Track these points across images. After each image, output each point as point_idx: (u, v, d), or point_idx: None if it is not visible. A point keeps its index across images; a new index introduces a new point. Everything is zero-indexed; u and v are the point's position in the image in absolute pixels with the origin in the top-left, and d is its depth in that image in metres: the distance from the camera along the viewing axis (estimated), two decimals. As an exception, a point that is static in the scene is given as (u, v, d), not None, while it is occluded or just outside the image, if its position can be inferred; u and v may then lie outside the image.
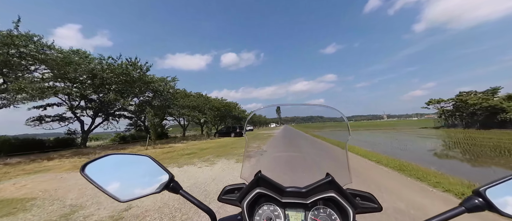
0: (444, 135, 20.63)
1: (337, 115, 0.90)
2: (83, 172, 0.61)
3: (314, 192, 0.67)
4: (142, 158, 0.69)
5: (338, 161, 0.90)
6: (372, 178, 4.74)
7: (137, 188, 0.65)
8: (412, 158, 7.57)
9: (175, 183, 0.68)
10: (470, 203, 0.52)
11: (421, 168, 5.47)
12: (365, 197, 0.69)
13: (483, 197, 0.51)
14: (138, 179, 0.67)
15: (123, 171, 0.67)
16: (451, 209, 0.53)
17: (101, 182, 0.61)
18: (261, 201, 0.70)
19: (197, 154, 9.53)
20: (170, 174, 0.68)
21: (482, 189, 0.52)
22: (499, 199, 0.50)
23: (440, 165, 6.47)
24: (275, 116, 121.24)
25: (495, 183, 0.52)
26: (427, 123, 46.77)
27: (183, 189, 0.69)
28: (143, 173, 0.68)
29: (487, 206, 0.51)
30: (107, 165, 0.65)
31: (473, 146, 11.81)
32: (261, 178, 0.69)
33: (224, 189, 0.77)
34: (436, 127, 35.07)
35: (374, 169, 5.62)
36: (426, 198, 3.43)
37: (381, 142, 15.80)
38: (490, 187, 0.51)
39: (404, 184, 4.24)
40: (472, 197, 0.53)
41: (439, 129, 32.52)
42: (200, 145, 14.46)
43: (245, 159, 0.93)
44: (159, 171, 0.69)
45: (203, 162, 7.37)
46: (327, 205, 0.67)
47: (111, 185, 0.62)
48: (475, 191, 0.53)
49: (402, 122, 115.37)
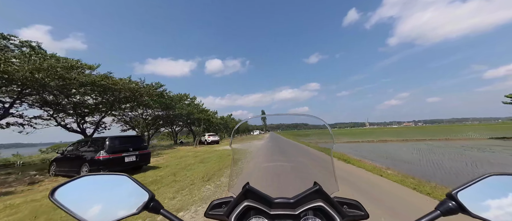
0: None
1: (321, 123, 0.92)
2: (53, 197, 0.55)
3: (302, 202, 0.67)
4: (119, 177, 0.65)
5: (325, 170, 0.90)
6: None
7: (114, 210, 0.60)
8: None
9: (155, 202, 0.65)
10: (444, 206, 0.53)
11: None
12: (352, 205, 0.70)
13: (455, 200, 0.51)
14: (115, 200, 0.63)
15: (99, 193, 0.62)
16: (427, 214, 0.53)
17: (72, 207, 0.55)
18: (250, 214, 0.68)
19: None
20: (150, 192, 0.65)
21: (454, 192, 0.52)
22: (470, 201, 0.51)
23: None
24: (261, 123, 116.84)
25: (465, 186, 0.52)
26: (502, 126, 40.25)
27: (164, 208, 0.65)
28: (121, 193, 0.64)
29: (460, 208, 0.51)
30: (80, 187, 0.60)
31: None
32: (249, 190, 0.68)
33: (211, 204, 0.74)
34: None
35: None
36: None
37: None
38: (461, 189, 0.52)
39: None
40: (446, 201, 0.53)
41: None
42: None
43: (232, 171, 0.91)
44: (138, 190, 0.65)
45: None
46: (316, 215, 0.66)
47: (85, 209, 0.57)
48: (448, 195, 0.53)
49: (429, 128, 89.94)
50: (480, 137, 27.54)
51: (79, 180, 0.61)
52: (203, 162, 9.87)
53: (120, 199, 0.63)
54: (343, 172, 6.47)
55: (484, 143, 20.61)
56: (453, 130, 43.37)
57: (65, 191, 0.58)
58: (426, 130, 61.33)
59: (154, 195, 0.65)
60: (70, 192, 0.58)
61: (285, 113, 1.04)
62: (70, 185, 0.59)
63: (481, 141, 23.24)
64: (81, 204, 0.57)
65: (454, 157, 12.50)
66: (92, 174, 0.63)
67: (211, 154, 13.47)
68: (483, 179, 0.53)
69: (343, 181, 5.34)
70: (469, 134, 32.26)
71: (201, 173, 7.03)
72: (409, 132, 48.30)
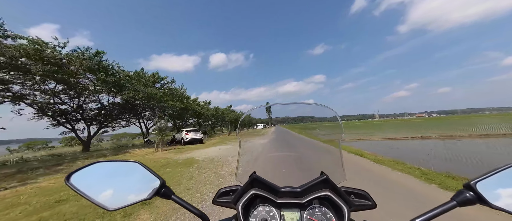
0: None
1: (329, 113, 0.91)
2: (68, 181, 0.58)
3: (309, 191, 0.67)
4: (131, 164, 0.68)
5: (333, 159, 0.90)
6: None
7: (127, 195, 0.63)
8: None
9: (166, 188, 0.67)
10: (461, 197, 0.52)
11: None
12: (359, 195, 0.70)
13: (474, 190, 0.50)
14: (127, 186, 0.65)
15: (111, 179, 0.65)
16: (443, 204, 0.53)
17: (88, 191, 0.58)
18: (256, 202, 0.69)
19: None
20: (161, 179, 0.67)
21: (473, 182, 0.51)
22: (490, 192, 0.50)
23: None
24: (265, 116, 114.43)
25: (485, 176, 0.51)
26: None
27: (175, 194, 0.67)
28: (133, 180, 0.66)
29: (478, 199, 0.50)
30: (94, 173, 0.63)
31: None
32: (256, 179, 0.69)
33: (218, 192, 0.76)
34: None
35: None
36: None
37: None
38: (480, 180, 0.51)
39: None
40: (463, 191, 0.53)
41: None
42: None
43: (239, 160, 0.92)
44: (149, 177, 0.67)
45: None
46: (322, 204, 0.67)
47: (99, 193, 0.60)
48: (466, 185, 0.52)
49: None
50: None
51: (92, 166, 0.64)
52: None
53: (132, 184, 0.66)
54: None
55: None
56: (484, 122, 33.71)
57: (80, 176, 0.61)
58: (457, 122, 46.13)
59: (165, 181, 0.68)
60: (84, 177, 0.61)
61: (290, 102, 1.01)
62: (84, 170, 0.62)
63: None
64: (95, 189, 0.60)
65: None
66: (104, 161, 0.65)
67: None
68: (504, 169, 0.51)
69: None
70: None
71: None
72: (442, 124, 36.70)
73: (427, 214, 0.53)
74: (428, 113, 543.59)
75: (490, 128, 23.10)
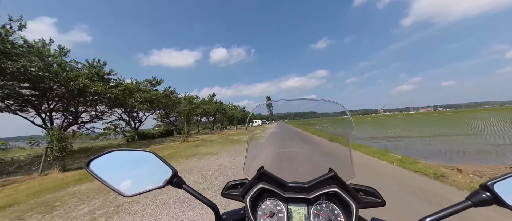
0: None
1: (331, 108, 0.89)
2: (88, 167, 0.62)
3: (316, 187, 0.67)
4: (145, 154, 0.70)
5: (342, 156, 0.89)
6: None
7: (141, 183, 0.66)
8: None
9: (178, 178, 0.69)
10: (477, 197, 0.51)
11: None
12: (368, 192, 0.69)
13: (491, 191, 0.50)
14: (142, 174, 0.68)
15: (127, 167, 0.68)
16: (457, 203, 0.53)
17: (106, 177, 0.62)
18: (264, 196, 0.70)
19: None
20: (173, 169, 0.69)
21: (490, 183, 0.50)
22: (508, 193, 0.49)
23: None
24: (266, 113, 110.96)
25: (503, 177, 0.51)
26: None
27: (186, 184, 0.69)
28: (147, 169, 0.69)
29: (495, 200, 0.50)
30: (112, 160, 0.66)
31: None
32: (264, 174, 0.70)
33: (227, 185, 0.78)
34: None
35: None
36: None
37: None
38: (498, 181, 0.50)
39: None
40: (479, 191, 0.52)
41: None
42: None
43: (248, 154, 0.93)
44: (162, 167, 0.69)
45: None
46: (330, 200, 0.67)
47: (116, 180, 0.63)
48: (483, 185, 0.52)
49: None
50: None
51: (111, 154, 0.66)
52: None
53: (146, 173, 0.69)
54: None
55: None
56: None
57: (99, 163, 0.64)
58: (471, 116, 41.93)
59: (177, 171, 0.70)
60: (103, 164, 0.64)
61: (292, 98, 0.95)
62: (103, 157, 0.65)
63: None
64: (113, 176, 0.64)
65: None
66: (122, 149, 0.68)
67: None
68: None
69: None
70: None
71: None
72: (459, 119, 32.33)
73: (439, 213, 0.52)
74: (434, 107, 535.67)
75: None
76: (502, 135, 13.16)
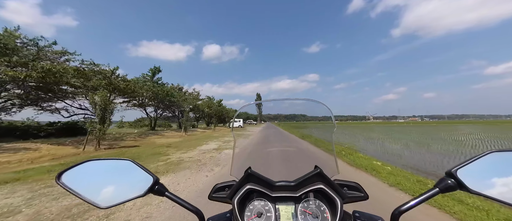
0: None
1: (321, 111, 0.91)
2: (59, 180, 0.57)
3: (303, 185, 0.68)
4: (123, 162, 0.66)
5: (326, 154, 0.93)
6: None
7: (120, 193, 0.62)
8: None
9: (160, 185, 0.66)
10: (443, 184, 0.54)
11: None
12: (352, 187, 0.71)
13: (455, 177, 0.52)
14: (120, 183, 0.64)
15: (104, 177, 0.63)
16: (426, 191, 0.55)
17: (80, 190, 0.57)
18: (252, 196, 0.70)
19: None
20: (155, 176, 0.66)
21: (453, 170, 0.53)
22: (469, 178, 0.52)
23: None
24: (255, 112, 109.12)
25: (465, 163, 0.53)
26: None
27: (168, 191, 0.66)
28: (126, 177, 0.65)
29: (458, 185, 0.52)
30: (86, 171, 0.61)
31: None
32: (251, 174, 0.70)
33: (214, 187, 0.76)
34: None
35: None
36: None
37: None
38: (460, 167, 0.53)
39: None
40: (444, 178, 0.54)
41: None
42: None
43: (235, 156, 0.92)
44: (142, 174, 0.66)
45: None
46: (316, 197, 0.68)
47: (91, 191, 0.58)
48: (448, 172, 0.54)
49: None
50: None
51: (84, 164, 0.62)
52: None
53: (125, 182, 0.65)
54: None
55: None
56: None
57: (71, 175, 0.59)
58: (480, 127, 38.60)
59: (158, 178, 0.67)
60: (76, 176, 0.59)
61: (283, 98, 0.95)
62: (75, 169, 0.60)
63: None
64: (88, 187, 0.59)
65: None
66: (96, 159, 0.64)
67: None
68: (483, 156, 0.53)
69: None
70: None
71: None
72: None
73: (411, 201, 0.55)
74: (420, 117, 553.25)
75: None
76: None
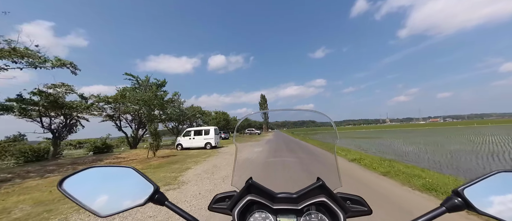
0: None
1: (326, 119, 0.91)
2: (61, 187, 0.57)
3: (305, 197, 0.67)
4: (125, 170, 0.67)
5: (328, 165, 0.90)
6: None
7: (120, 201, 0.62)
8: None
9: (160, 194, 0.66)
10: (450, 203, 0.53)
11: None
12: (355, 201, 0.69)
13: (462, 196, 0.51)
14: (121, 191, 0.65)
15: (105, 185, 0.64)
16: (432, 210, 0.54)
17: (80, 197, 0.57)
18: (253, 208, 0.68)
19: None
20: (155, 185, 0.66)
21: (460, 188, 0.52)
22: (477, 198, 0.50)
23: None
24: (261, 119, 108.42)
25: (472, 183, 0.52)
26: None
27: (168, 200, 0.66)
28: (127, 185, 0.66)
29: (466, 205, 0.51)
30: (87, 178, 0.62)
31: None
32: (252, 185, 0.69)
33: (214, 198, 0.75)
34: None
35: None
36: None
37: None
38: (467, 186, 0.52)
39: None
40: (451, 197, 0.53)
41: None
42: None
43: (236, 165, 0.91)
44: (143, 183, 0.66)
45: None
46: (319, 210, 0.66)
47: (91, 199, 0.59)
48: (454, 191, 0.53)
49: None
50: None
51: (86, 171, 0.63)
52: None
53: (126, 190, 0.65)
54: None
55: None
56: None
57: (73, 181, 0.60)
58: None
59: (158, 187, 0.67)
60: (77, 182, 0.60)
61: (288, 108, 0.97)
62: (77, 176, 0.61)
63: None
64: (88, 195, 0.59)
65: None
66: (98, 166, 0.65)
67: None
68: (491, 176, 0.52)
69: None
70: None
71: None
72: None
73: (417, 220, 0.53)
74: (443, 118, 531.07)
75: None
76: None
